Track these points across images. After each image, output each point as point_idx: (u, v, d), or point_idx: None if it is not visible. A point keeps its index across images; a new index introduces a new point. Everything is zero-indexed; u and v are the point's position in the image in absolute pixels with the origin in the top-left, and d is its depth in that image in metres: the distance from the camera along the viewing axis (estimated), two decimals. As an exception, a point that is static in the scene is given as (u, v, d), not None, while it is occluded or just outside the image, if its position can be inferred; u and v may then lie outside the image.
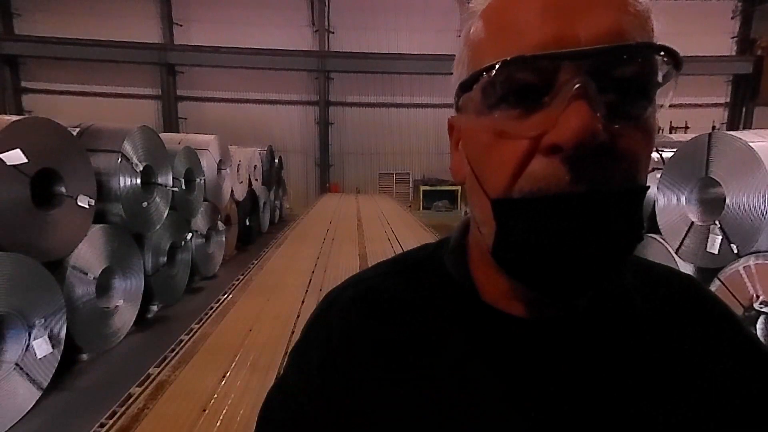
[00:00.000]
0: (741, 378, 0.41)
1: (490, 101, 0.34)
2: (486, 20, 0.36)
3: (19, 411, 2.82)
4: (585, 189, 0.31)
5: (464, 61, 0.39)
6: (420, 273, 0.47)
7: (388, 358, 0.42)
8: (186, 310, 4.70)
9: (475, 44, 0.37)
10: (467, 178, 0.40)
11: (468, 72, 0.37)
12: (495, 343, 0.40)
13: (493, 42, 0.35)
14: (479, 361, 0.40)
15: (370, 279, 0.49)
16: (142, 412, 1.79)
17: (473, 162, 0.38)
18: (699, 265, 3.65)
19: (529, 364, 0.39)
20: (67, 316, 3.18)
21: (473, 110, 0.36)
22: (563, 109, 0.31)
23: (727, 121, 14.99)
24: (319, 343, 0.45)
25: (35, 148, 3.04)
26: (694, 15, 14.24)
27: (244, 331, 2.62)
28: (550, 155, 0.32)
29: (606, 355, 0.40)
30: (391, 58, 13.74)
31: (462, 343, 0.41)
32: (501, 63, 0.32)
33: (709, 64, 14.00)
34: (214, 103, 14.12)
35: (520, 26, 0.33)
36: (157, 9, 13.55)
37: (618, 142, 0.31)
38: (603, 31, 0.31)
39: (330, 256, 4.60)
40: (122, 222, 4.04)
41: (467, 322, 0.42)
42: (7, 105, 12.73)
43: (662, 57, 0.32)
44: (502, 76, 0.32)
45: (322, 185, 14.52)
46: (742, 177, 3.26)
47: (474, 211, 0.40)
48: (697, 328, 0.44)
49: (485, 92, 0.34)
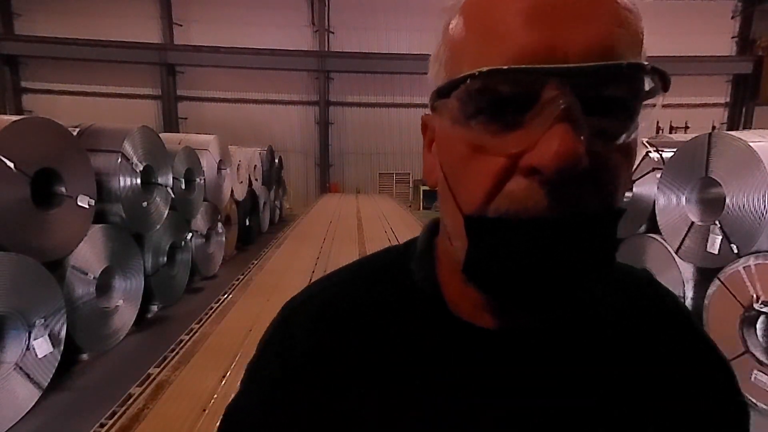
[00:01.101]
0: (692, 377, 0.43)
1: (467, 111, 0.32)
2: (467, 18, 0.34)
3: (19, 411, 2.82)
4: (562, 214, 0.30)
5: (442, 60, 0.36)
6: (385, 280, 0.45)
7: (352, 372, 0.40)
8: (186, 310, 4.70)
9: (455, 43, 0.35)
10: (440, 185, 0.38)
11: (446, 74, 0.35)
12: (462, 355, 0.39)
13: (474, 45, 0.32)
14: (446, 373, 0.39)
15: (330, 288, 0.46)
16: (142, 412, 1.79)
17: (447, 171, 0.36)
18: (699, 265, 3.65)
19: (497, 375, 0.38)
20: (67, 316, 3.18)
21: (449, 117, 0.34)
22: (545, 129, 0.29)
23: (727, 121, 14.99)
24: (280, 357, 0.43)
25: (35, 148, 3.04)
26: (694, 15, 14.24)
27: (244, 331, 2.62)
28: (529, 176, 0.30)
29: (571, 364, 0.39)
30: (391, 58, 13.73)
31: (428, 355, 0.39)
32: (480, 73, 0.29)
33: (709, 64, 14.01)
34: (214, 103, 14.12)
35: (503, 31, 0.30)
36: (157, 9, 13.54)
37: (599, 165, 0.30)
38: (592, 46, 0.29)
39: (330, 256, 4.60)
40: (122, 222, 4.04)
41: (434, 334, 0.40)
42: (7, 105, 12.73)
43: (652, 78, 0.31)
44: (482, 86, 0.30)
45: (322, 185, 14.52)
46: (742, 177, 3.26)
47: (445, 219, 0.38)
48: (656, 330, 0.44)
49: (462, 101, 0.32)
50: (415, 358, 0.40)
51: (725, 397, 0.44)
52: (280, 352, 0.43)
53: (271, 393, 0.42)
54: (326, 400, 0.39)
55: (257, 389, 0.43)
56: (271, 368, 0.43)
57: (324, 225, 6.57)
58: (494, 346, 0.39)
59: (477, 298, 0.38)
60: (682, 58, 13.68)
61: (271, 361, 0.43)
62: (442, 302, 0.41)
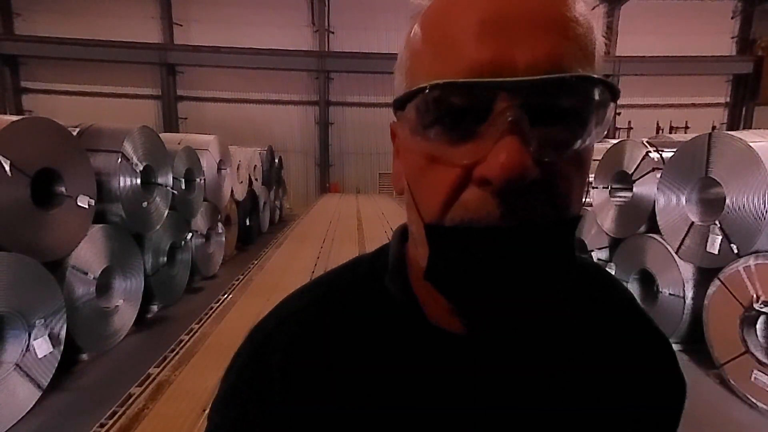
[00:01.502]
0: (643, 361, 0.46)
1: (423, 121, 0.32)
2: (424, 28, 0.34)
3: (19, 411, 2.82)
4: (515, 223, 0.31)
5: (404, 69, 0.37)
6: (358, 296, 0.44)
7: (336, 393, 0.39)
8: (186, 310, 4.70)
9: (414, 53, 0.35)
10: (405, 193, 0.39)
11: (406, 84, 0.36)
12: (438, 360, 0.40)
13: (430, 56, 0.33)
14: (426, 381, 0.39)
15: (302, 312, 0.44)
16: (142, 412, 1.79)
17: (409, 180, 0.37)
18: (699, 265, 3.65)
19: (470, 379, 0.39)
20: (67, 316, 3.18)
21: (408, 127, 0.34)
22: (495, 141, 0.30)
23: (727, 121, 14.98)
24: (258, 389, 0.40)
25: (35, 148, 3.05)
26: (694, 15, 14.23)
27: (244, 331, 2.60)
28: (482, 186, 0.31)
29: (539, 365, 0.41)
30: (391, 58, 13.20)
31: (410, 365, 0.40)
32: (432, 86, 0.30)
33: (709, 64, 14.00)
34: (214, 103, 14.12)
35: (457, 43, 0.31)
36: (157, 9, 13.54)
37: (550, 175, 0.31)
38: (540, 59, 0.30)
39: (330, 256, 4.60)
40: (122, 222, 4.04)
41: (413, 344, 0.40)
42: (7, 105, 12.73)
43: (600, 89, 0.31)
44: (436, 98, 0.31)
45: (322, 185, 14.52)
46: (742, 177, 3.26)
47: (411, 227, 0.39)
48: (612, 321, 0.47)
49: (419, 112, 0.32)
50: (398, 371, 0.40)
51: (668, 373, 0.48)
52: (255, 392, 0.41)
53: (253, 428, 0.40)
54: (315, 425, 0.39)
55: (237, 428, 0.41)
56: (248, 410, 0.40)
57: (324, 225, 6.58)
58: (466, 351, 0.39)
59: (446, 304, 0.38)
60: (682, 58, 13.68)
61: (246, 401, 0.41)
62: (419, 311, 0.41)
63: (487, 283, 0.32)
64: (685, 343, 3.83)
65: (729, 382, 3.24)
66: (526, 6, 0.30)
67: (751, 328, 3.12)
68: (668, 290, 3.84)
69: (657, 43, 14.01)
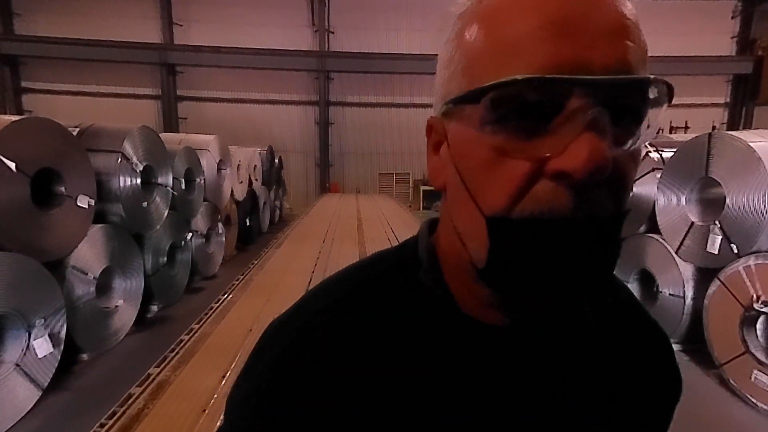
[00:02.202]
0: (648, 357, 0.50)
1: (491, 117, 0.33)
2: (487, 27, 0.35)
3: (19, 411, 2.83)
4: (584, 216, 0.32)
5: (458, 67, 0.37)
6: (389, 290, 0.44)
7: (377, 389, 0.40)
8: (186, 310, 4.70)
9: (473, 51, 0.36)
10: (451, 187, 0.39)
11: (465, 81, 0.36)
12: (474, 351, 0.41)
13: (497, 55, 0.34)
14: (464, 371, 0.40)
15: (333, 307, 0.44)
16: (142, 412, 1.79)
17: (466, 175, 0.37)
18: (699, 265, 3.65)
19: (506, 370, 0.41)
20: (67, 316, 3.18)
21: (469, 123, 0.35)
22: (574, 137, 0.31)
23: (727, 121, 14.98)
24: (288, 390, 0.40)
25: (35, 148, 3.05)
26: (694, 15, 14.23)
27: (244, 331, 2.62)
28: (556, 180, 0.32)
29: (566, 357, 0.43)
30: (391, 58, 13.72)
31: (447, 357, 0.41)
32: (512, 81, 0.31)
33: (709, 64, 14.00)
34: (214, 103, 14.11)
35: (528, 43, 0.32)
36: (157, 9, 13.53)
37: (614, 171, 0.32)
38: (614, 60, 0.32)
39: (330, 256, 4.60)
40: (122, 222, 4.05)
41: (450, 336, 0.41)
42: (7, 105, 12.73)
43: (661, 90, 0.34)
44: (511, 94, 0.32)
45: (322, 185, 14.51)
46: (742, 177, 3.26)
47: (457, 222, 0.39)
48: (622, 319, 0.50)
49: (487, 108, 0.33)
50: (437, 363, 0.41)
51: (668, 368, 0.52)
52: (285, 393, 0.40)
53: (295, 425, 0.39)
54: (357, 417, 0.39)
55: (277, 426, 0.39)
56: (275, 411, 0.39)
57: (324, 225, 6.57)
58: (503, 342, 0.41)
59: (485, 296, 0.39)
60: (682, 58, 13.67)
61: (274, 402, 0.40)
62: (453, 302, 0.42)
63: (549, 275, 0.33)
64: (685, 343, 3.83)
65: (729, 382, 3.24)
66: (595, 10, 0.32)
67: (751, 328, 3.12)
68: (668, 290, 3.84)
69: (657, 43, 13.99)
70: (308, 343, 0.42)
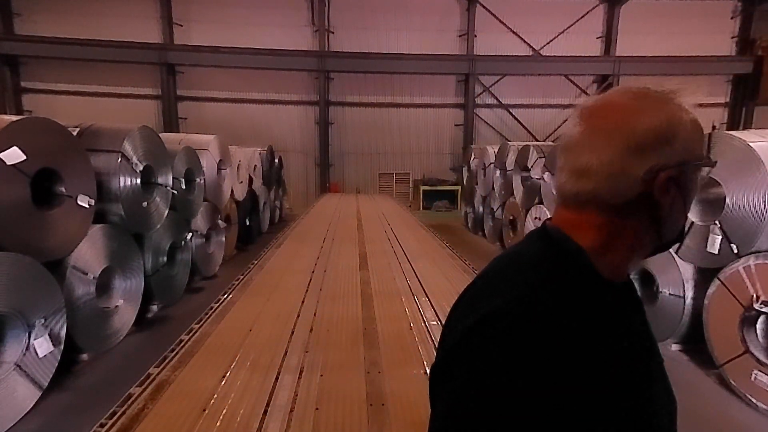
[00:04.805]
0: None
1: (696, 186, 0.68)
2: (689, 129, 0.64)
3: (19, 411, 2.82)
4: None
5: (678, 145, 0.63)
6: (565, 275, 0.63)
7: (600, 347, 0.59)
8: (186, 310, 4.70)
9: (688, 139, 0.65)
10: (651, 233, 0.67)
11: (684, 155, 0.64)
12: (623, 302, 0.68)
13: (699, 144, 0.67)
14: (624, 316, 0.67)
15: (537, 293, 0.60)
16: (142, 412, 1.79)
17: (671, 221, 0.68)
18: (699, 265, 3.65)
19: (635, 318, 0.70)
20: (67, 316, 3.18)
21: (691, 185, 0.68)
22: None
23: (727, 121, 14.97)
24: (538, 356, 0.55)
25: (35, 148, 3.04)
26: (694, 15, 14.22)
27: (244, 331, 2.62)
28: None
29: (640, 303, 0.73)
30: (391, 58, 13.72)
31: (616, 311, 0.65)
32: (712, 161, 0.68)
33: (709, 64, 13.99)
34: (214, 103, 14.10)
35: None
36: (157, 9, 13.53)
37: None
38: None
39: (330, 256, 4.60)
40: (122, 222, 4.04)
41: (609, 294, 0.64)
42: (7, 105, 12.72)
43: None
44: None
45: (322, 185, 14.51)
46: (742, 177, 3.26)
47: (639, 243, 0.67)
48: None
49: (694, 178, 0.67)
50: (616, 316, 0.64)
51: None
52: (537, 354, 0.55)
53: (544, 379, 0.54)
54: (585, 373, 0.56)
55: (530, 381, 0.54)
56: (537, 391, 0.54)
57: (324, 225, 6.57)
58: (625, 294, 0.69)
59: (622, 266, 0.67)
60: (682, 58, 13.67)
61: (532, 362, 0.54)
62: (599, 275, 0.65)
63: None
64: (685, 343, 3.83)
65: (729, 382, 3.24)
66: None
67: (751, 328, 3.12)
68: (668, 290, 3.84)
69: (657, 43, 14.00)
70: (542, 336, 0.56)
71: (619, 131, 0.60)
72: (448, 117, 14.78)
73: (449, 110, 14.77)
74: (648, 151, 0.59)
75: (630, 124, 0.60)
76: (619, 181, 0.60)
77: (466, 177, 10.88)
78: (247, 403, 1.88)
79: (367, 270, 4.06)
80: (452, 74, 14.43)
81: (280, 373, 2.15)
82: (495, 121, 14.77)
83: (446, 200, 14.21)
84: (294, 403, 1.89)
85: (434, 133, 14.83)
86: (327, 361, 2.29)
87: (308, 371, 2.18)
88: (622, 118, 0.61)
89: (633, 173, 0.60)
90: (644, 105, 0.61)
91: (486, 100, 14.71)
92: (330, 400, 1.92)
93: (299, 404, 1.89)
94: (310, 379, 2.10)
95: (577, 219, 0.65)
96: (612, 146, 0.60)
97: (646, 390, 0.62)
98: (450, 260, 4.46)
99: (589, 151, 0.61)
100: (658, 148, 0.59)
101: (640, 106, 0.61)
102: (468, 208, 10.52)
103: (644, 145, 0.59)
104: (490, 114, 14.80)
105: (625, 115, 0.61)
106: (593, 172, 0.61)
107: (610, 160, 0.60)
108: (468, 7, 14.18)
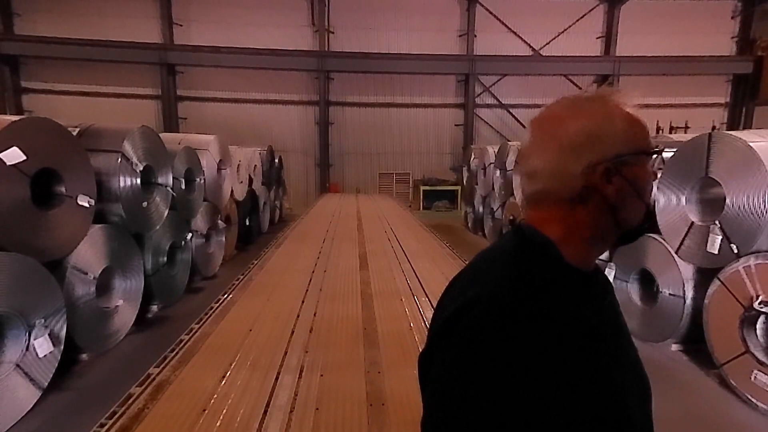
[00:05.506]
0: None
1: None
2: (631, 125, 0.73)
3: (19, 411, 2.82)
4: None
5: (618, 139, 0.71)
6: (536, 265, 0.68)
7: (557, 329, 0.63)
8: (186, 310, 4.70)
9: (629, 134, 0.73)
10: (606, 226, 0.73)
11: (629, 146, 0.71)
12: (591, 287, 0.73)
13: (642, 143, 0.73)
14: (592, 298, 0.72)
15: (515, 282, 0.66)
16: (142, 412, 1.79)
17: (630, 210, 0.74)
18: (699, 265, 3.65)
19: (605, 303, 0.75)
20: (67, 316, 3.18)
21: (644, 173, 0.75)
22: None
23: (727, 121, 14.97)
24: (516, 349, 0.60)
25: (35, 148, 3.04)
26: (694, 15, 14.23)
27: (244, 331, 2.62)
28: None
29: (609, 292, 0.79)
30: (391, 58, 13.73)
31: (585, 297, 0.70)
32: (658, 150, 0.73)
33: (709, 64, 14.00)
34: (214, 103, 14.11)
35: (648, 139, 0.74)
36: (157, 9, 13.53)
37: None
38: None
39: (330, 256, 4.60)
40: (122, 222, 4.04)
41: (578, 282, 0.70)
42: (7, 105, 12.73)
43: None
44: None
45: (322, 185, 14.51)
46: (742, 177, 3.26)
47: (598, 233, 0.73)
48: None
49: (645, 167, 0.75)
50: (583, 302, 0.69)
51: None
52: (514, 352, 0.60)
53: (529, 363, 0.60)
54: (559, 356, 0.61)
55: (513, 366, 0.59)
56: (515, 371, 0.59)
57: (324, 225, 6.57)
58: (594, 281, 0.74)
59: (589, 255, 0.73)
60: (682, 58, 13.68)
61: (508, 363, 0.60)
62: (569, 264, 0.70)
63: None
64: (685, 343, 3.83)
65: (729, 382, 3.23)
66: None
67: (751, 328, 3.12)
68: (668, 290, 3.84)
69: (657, 43, 14.00)
70: (516, 308, 0.63)
71: (554, 137, 0.70)
72: (448, 117, 14.78)
73: (449, 110, 14.78)
74: (581, 150, 0.68)
75: (563, 129, 0.70)
76: (563, 179, 0.69)
77: (466, 177, 10.88)
78: (247, 403, 1.88)
79: (367, 270, 4.06)
80: (452, 74, 14.43)
81: (280, 373, 2.15)
82: (495, 121, 14.77)
83: (446, 200, 14.21)
84: (294, 403, 1.89)
85: (434, 133, 14.83)
86: (327, 361, 2.29)
87: (308, 371, 2.18)
88: (557, 125, 0.71)
89: (572, 170, 0.68)
90: (575, 111, 0.71)
91: (486, 100, 14.72)
92: (330, 400, 1.92)
93: (299, 404, 1.89)
94: (310, 379, 2.10)
95: (541, 215, 0.73)
96: (551, 150, 0.70)
97: (613, 363, 0.68)
98: (450, 260, 4.46)
99: (535, 156, 0.72)
100: (589, 146, 0.68)
101: (572, 113, 0.71)
102: (468, 208, 10.52)
103: (576, 145, 0.68)
104: (490, 114, 14.81)
105: (560, 122, 0.71)
106: (540, 173, 0.71)
107: (551, 161, 0.70)
108: (468, 7, 14.19)
